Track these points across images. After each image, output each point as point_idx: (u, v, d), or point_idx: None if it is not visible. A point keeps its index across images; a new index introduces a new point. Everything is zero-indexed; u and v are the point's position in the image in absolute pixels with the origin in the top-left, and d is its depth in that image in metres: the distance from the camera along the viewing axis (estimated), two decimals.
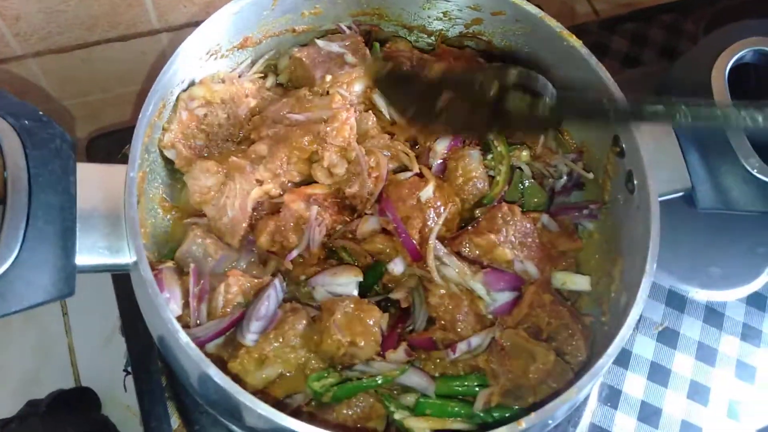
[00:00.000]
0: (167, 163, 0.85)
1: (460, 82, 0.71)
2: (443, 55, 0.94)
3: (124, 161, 0.70)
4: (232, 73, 0.89)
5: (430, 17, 0.96)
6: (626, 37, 1.32)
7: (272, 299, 0.76)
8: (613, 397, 1.02)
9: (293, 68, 0.92)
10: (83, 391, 1.18)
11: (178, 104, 0.83)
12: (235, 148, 0.86)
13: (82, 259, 0.67)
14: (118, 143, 1.05)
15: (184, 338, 0.64)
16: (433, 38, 0.98)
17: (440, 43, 0.98)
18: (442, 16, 0.95)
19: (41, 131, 0.68)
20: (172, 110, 0.83)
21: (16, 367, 1.22)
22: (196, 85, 0.85)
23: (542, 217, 0.86)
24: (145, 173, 0.79)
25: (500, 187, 0.87)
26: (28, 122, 0.67)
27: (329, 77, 0.87)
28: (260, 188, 0.81)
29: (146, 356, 0.97)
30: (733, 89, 0.81)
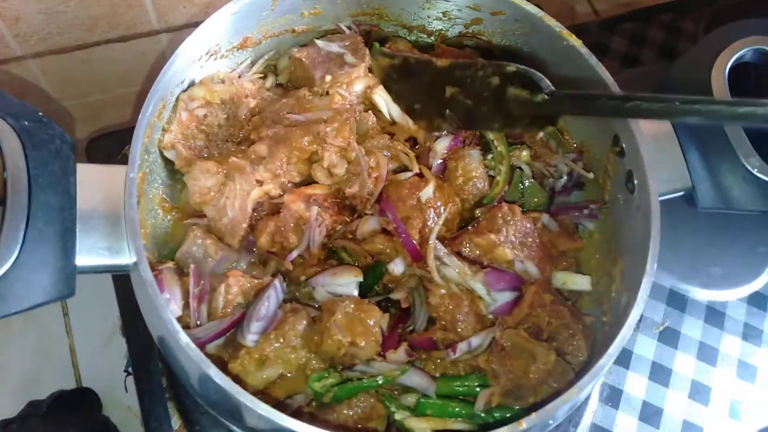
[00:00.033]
0: (167, 163, 0.85)
1: (462, 75, 0.73)
2: (443, 55, 0.94)
3: (123, 162, 0.70)
4: (231, 73, 0.89)
5: (429, 17, 0.96)
6: (626, 36, 1.32)
7: (272, 300, 0.76)
8: (614, 397, 1.02)
9: (293, 68, 0.92)
10: (84, 391, 1.18)
11: (177, 105, 0.83)
12: (235, 148, 0.86)
13: (82, 259, 0.67)
14: (118, 144, 1.05)
15: (184, 339, 0.64)
16: (432, 38, 0.98)
17: (440, 42, 0.98)
18: (441, 16, 0.95)
19: (41, 132, 0.68)
20: (171, 111, 0.83)
21: (16, 367, 1.21)
22: (195, 85, 0.85)
23: (542, 216, 0.86)
24: (145, 174, 0.79)
25: (500, 187, 0.87)
26: (27, 123, 0.67)
27: (329, 77, 0.87)
28: (260, 189, 0.81)
29: (147, 357, 0.97)
30: (733, 88, 0.81)
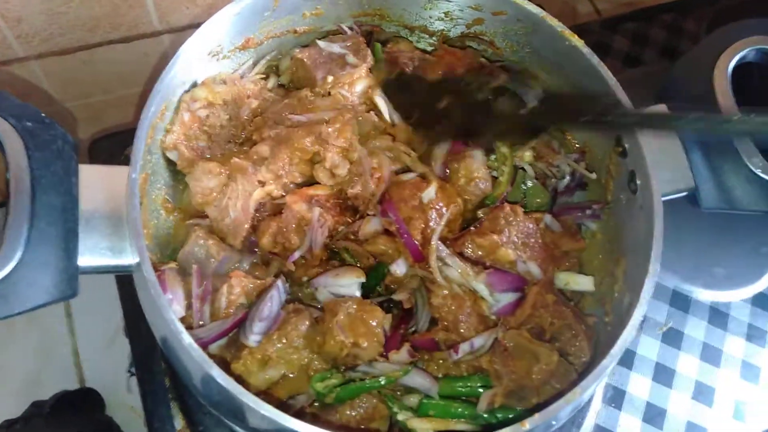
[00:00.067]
0: (169, 164, 0.85)
1: (454, 88, 0.76)
2: (444, 55, 0.94)
3: (126, 163, 0.70)
4: (233, 74, 0.89)
5: (431, 17, 0.95)
6: (627, 36, 1.32)
7: (275, 300, 0.76)
8: (617, 397, 1.02)
9: (294, 69, 0.92)
10: (87, 392, 1.18)
11: (180, 106, 0.83)
12: (237, 149, 0.86)
13: (84, 260, 0.67)
14: (120, 145, 1.05)
15: (187, 339, 0.64)
16: (434, 38, 0.98)
17: (441, 43, 0.97)
18: (443, 16, 0.95)
19: (43, 133, 0.68)
20: (174, 112, 0.83)
21: (19, 368, 1.21)
22: (198, 86, 0.85)
23: (545, 217, 0.86)
24: (147, 175, 0.79)
25: (503, 187, 0.87)
26: (30, 124, 0.67)
27: (330, 78, 0.87)
28: (262, 189, 0.81)
29: (150, 357, 0.97)
30: (735, 88, 0.81)
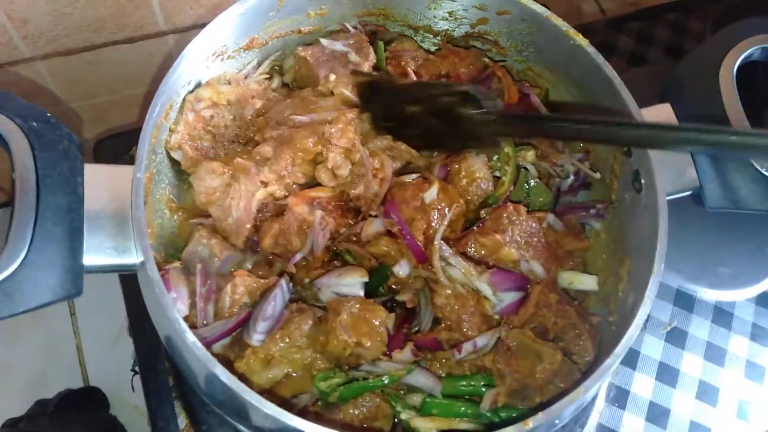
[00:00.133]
0: (174, 164, 0.85)
1: (421, 94, 0.78)
2: (448, 55, 0.94)
3: (131, 162, 0.70)
4: (238, 74, 0.90)
5: (435, 17, 0.95)
6: (632, 35, 1.32)
7: (279, 299, 0.76)
8: (620, 397, 1.02)
9: (298, 67, 0.92)
10: (91, 391, 1.19)
11: (184, 106, 0.83)
12: (241, 149, 0.86)
13: (89, 259, 0.67)
14: (125, 144, 1.05)
15: (190, 338, 0.64)
16: (438, 38, 0.98)
17: (446, 42, 0.97)
18: (447, 16, 0.95)
19: (49, 133, 0.68)
20: (178, 112, 0.83)
21: (24, 367, 1.22)
22: (202, 86, 0.85)
23: (548, 216, 0.86)
24: (152, 174, 0.79)
25: (505, 187, 0.87)
26: (36, 124, 0.68)
27: (333, 76, 0.87)
28: (264, 190, 0.81)
29: (153, 356, 0.97)
30: (740, 87, 0.81)
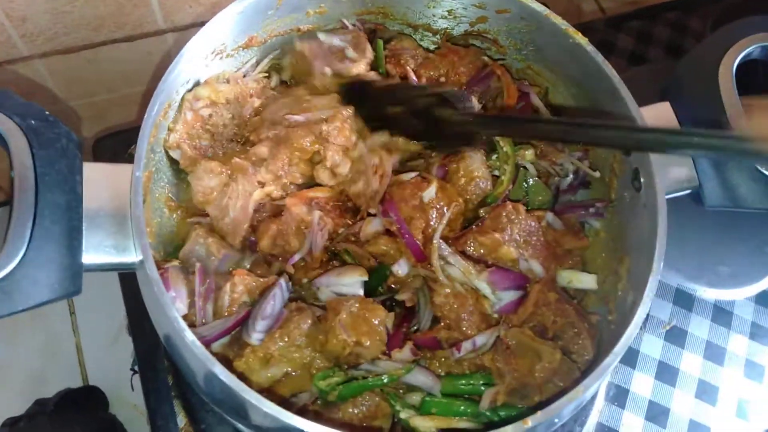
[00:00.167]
0: (173, 162, 0.85)
1: (399, 96, 0.81)
2: (447, 53, 0.94)
3: (130, 161, 0.70)
4: (237, 72, 0.89)
5: (435, 16, 0.95)
6: (632, 34, 1.32)
7: (278, 298, 0.76)
8: (620, 396, 1.02)
9: (295, 62, 0.91)
10: (91, 390, 1.19)
11: (183, 105, 0.83)
12: (239, 148, 0.86)
13: (88, 257, 0.67)
14: (124, 143, 1.05)
15: (189, 336, 0.64)
16: (438, 37, 0.98)
17: (445, 41, 0.97)
18: (447, 14, 0.94)
19: (47, 131, 0.68)
20: (177, 110, 0.83)
21: (23, 366, 1.22)
22: (200, 85, 0.85)
23: (547, 215, 0.86)
24: (151, 173, 0.79)
25: (504, 186, 0.87)
26: (34, 122, 0.68)
27: (328, 71, 0.87)
28: (261, 190, 0.80)
29: (153, 355, 0.97)
30: (740, 86, 0.80)
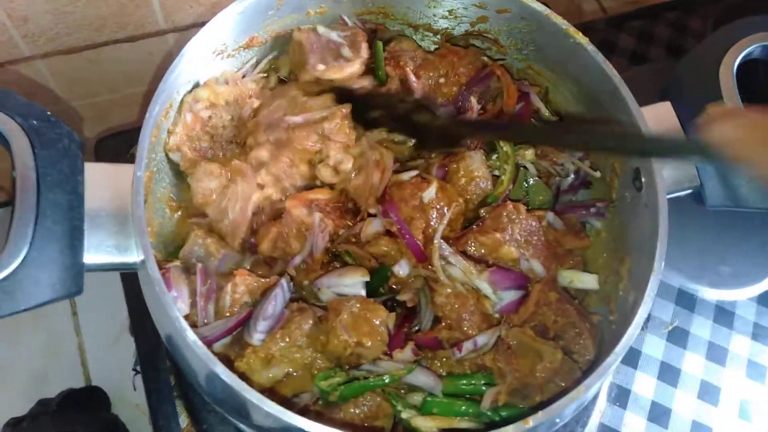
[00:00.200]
0: (173, 163, 0.85)
1: (380, 102, 0.86)
2: (447, 54, 0.94)
3: (131, 161, 0.70)
4: (236, 73, 0.89)
5: (435, 15, 0.95)
6: (633, 34, 1.32)
7: (279, 299, 0.76)
8: (622, 396, 1.01)
9: (293, 53, 0.91)
10: (93, 390, 1.19)
11: (182, 107, 0.83)
12: (239, 150, 0.86)
13: (90, 257, 0.67)
14: (125, 143, 1.05)
15: (191, 336, 0.64)
16: (438, 37, 0.98)
17: (444, 42, 0.97)
18: (447, 14, 0.94)
19: (49, 131, 0.68)
20: (176, 113, 0.83)
21: (26, 366, 1.22)
22: (200, 87, 0.84)
23: (547, 215, 0.86)
24: (152, 173, 0.79)
25: (505, 186, 0.87)
26: (36, 122, 0.68)
27: (321, 66, 0.86)
28: (261, 193, 0.80)
29: (155, 355, 0.97)
30: (740, 85, 0.80)
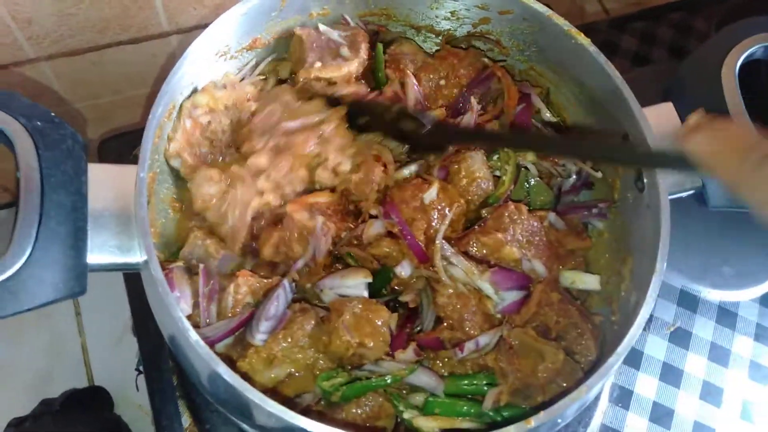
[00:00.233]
0: (174, 169, 0.85)
1: (364, 108, 0.86)
2: (447, 56, 0.94)
3: (135, 162, 0.71)
4: (234, 77, 0.88)
5: (438, 17, 0.95)
6: (636, 35, 1.32)
7: (281, 299, 0.76)
8: (624, 397, 1.01)
9: (293, 50, 0.91)
10: (96, 390, 1.19)
11: (181, 113, 0.82)
12: (238, 154, 0.85)
13: (93, 258, 0.68)
14: (129, 144, 1.06)
15: (194, 336, 0.64)
16: (440, 38, 0.98)
17: (445, 44, 0.97)
18: (450, 15, 0.95)
19: (53, 132, 0.69)
20: (176, 119, 0.82)
21: (29, 366, 1.23)
22: (198, 92, 0.84)
23: (549, 215, 0.86)
24: (155, 174, 0.80)
25: (506, 186, 0.87)
26: (40, 123, 0.68)
27: (318, 64, 0.86)
28: (260, 199, 0.80)
29: (157, 356, 0.97)
30: (743, 86, 0.80)
